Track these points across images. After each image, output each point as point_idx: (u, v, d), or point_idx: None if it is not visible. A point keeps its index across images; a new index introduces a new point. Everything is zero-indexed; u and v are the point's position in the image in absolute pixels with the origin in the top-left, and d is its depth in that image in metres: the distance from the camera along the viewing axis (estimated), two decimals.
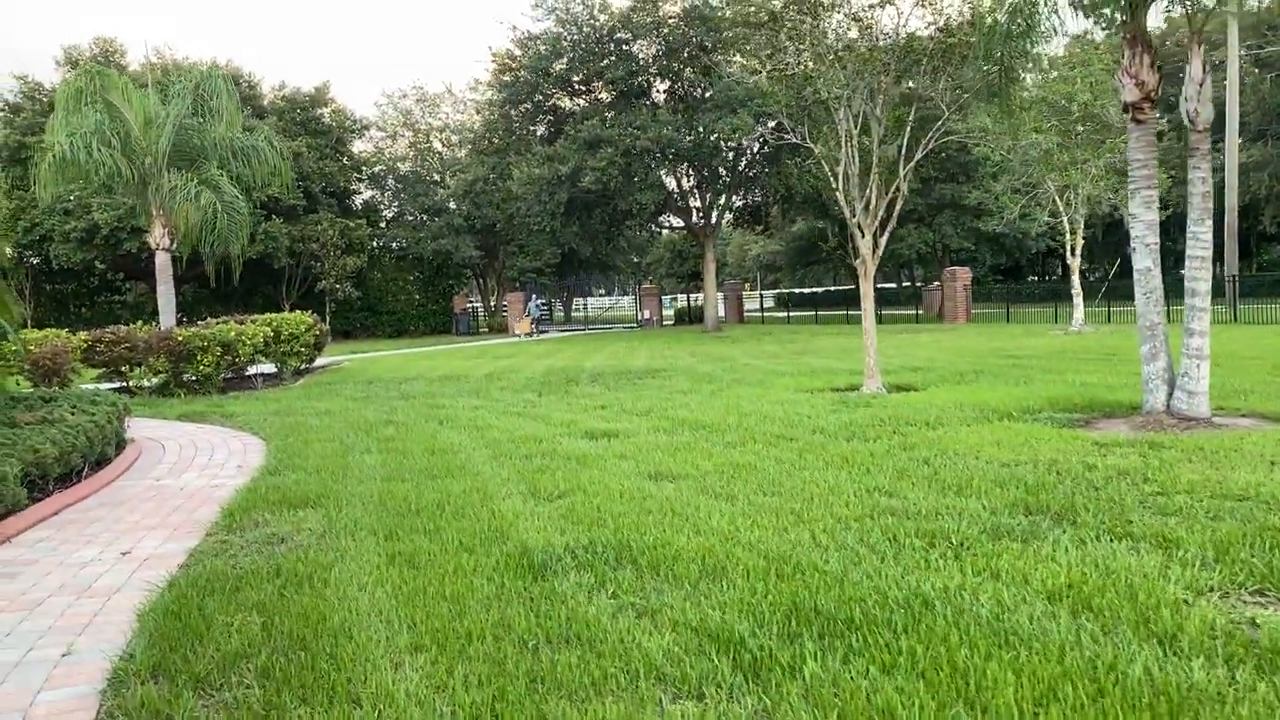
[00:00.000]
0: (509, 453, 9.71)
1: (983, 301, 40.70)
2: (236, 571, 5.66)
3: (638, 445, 9.72)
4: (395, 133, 49.30)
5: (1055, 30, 10.36)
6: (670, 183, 34.76)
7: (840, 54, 12.38)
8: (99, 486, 9.08)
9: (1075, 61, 24.33)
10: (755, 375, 16.77)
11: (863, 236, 13.31)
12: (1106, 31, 13.82)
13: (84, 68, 19.26)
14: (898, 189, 13.36)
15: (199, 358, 18.44)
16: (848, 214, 13.41)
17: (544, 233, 33.44)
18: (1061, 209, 25.36)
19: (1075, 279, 26.27)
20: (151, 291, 47.82)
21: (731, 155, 33.38)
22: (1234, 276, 37.07)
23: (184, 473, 9.89)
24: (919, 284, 56.75)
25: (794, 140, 14.35)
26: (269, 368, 21.20)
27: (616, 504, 7.00)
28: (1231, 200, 37.03)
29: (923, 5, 12.30)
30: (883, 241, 13.60)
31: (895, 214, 13.46)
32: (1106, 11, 9.89)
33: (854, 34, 13.24)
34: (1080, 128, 23.61)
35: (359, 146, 48.56)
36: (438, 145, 49.25)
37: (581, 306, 70.15)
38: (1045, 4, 10.19)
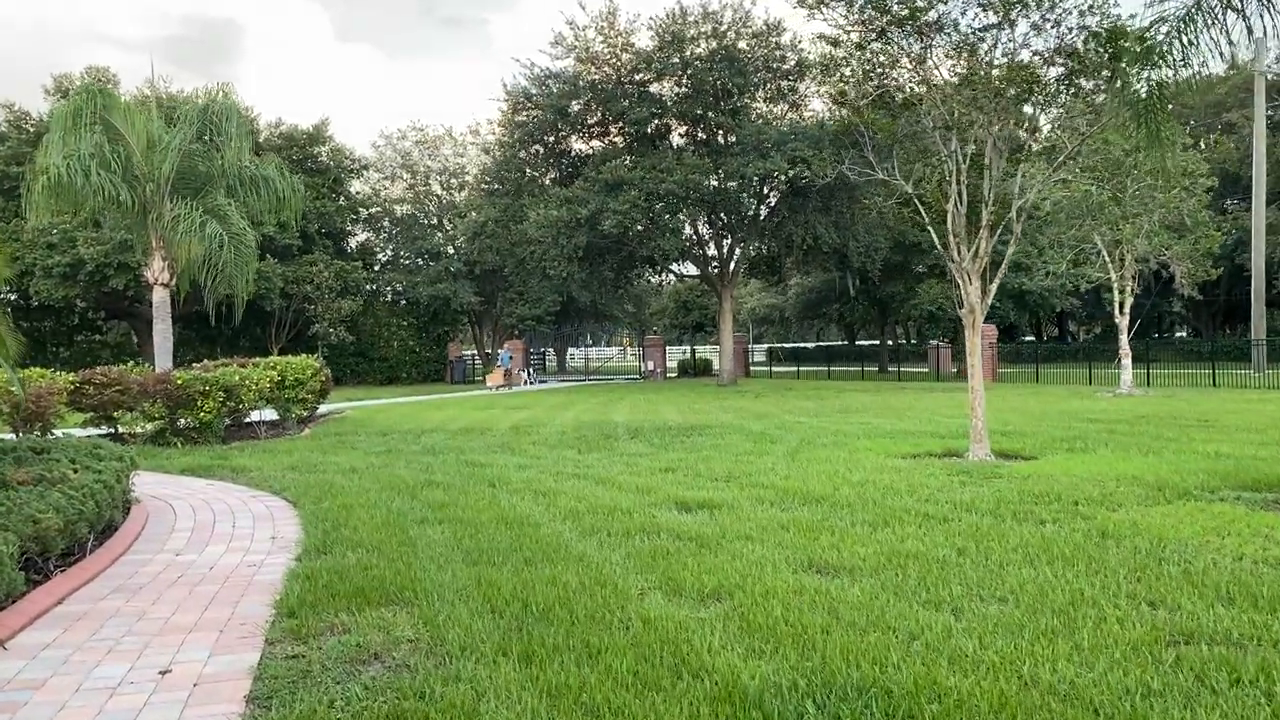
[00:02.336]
0: (599, 527, 8.11)
1: (1005, 361, 39.39)
2: (339, 718, 4.02)
3: (754, 522, 8.14)
4: (393, 174, 47.87)
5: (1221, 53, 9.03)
6: (688, 230, 33.37)
7: (969, 78, 11.00)
8: (108, 562, 7.39)
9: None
10: (821, 436, 15.23)
11: (970, 284, 11.85)
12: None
13: (84, 85, 17.75)
14: (1009, 231, 11.95)
15: (199, 403, 16.73)
16: (954, 257, 11.98)
17: (560, 278, 31.93)
18: (1110, 265, 24.13)
19: (1123, 339, 24.99)
20: (132, 331, 46.19)
21: (756, 201, 32.10)
22: (1260, 341, 36.03)
23: (207, 544, 8.21)
24: (924, 341, 55.59)
25: (880, 177, 12.92)
26: (270, 414, 19.49)
27: (798, 610, 5.42)
28: (1259, 263, 36.11)
29: (1043, 26, 10.94)
30: (992, 289, 12.17)
31: (1007, 259, 12.03)
32: None
33: (952, 60, 11.89)
34: (1130, 182, 22.40)
35: (356, 187, 47.10)
36: (437, 188, 47.83)
37: (572, 357, 68.61)
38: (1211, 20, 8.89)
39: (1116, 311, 24.87)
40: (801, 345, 71.15)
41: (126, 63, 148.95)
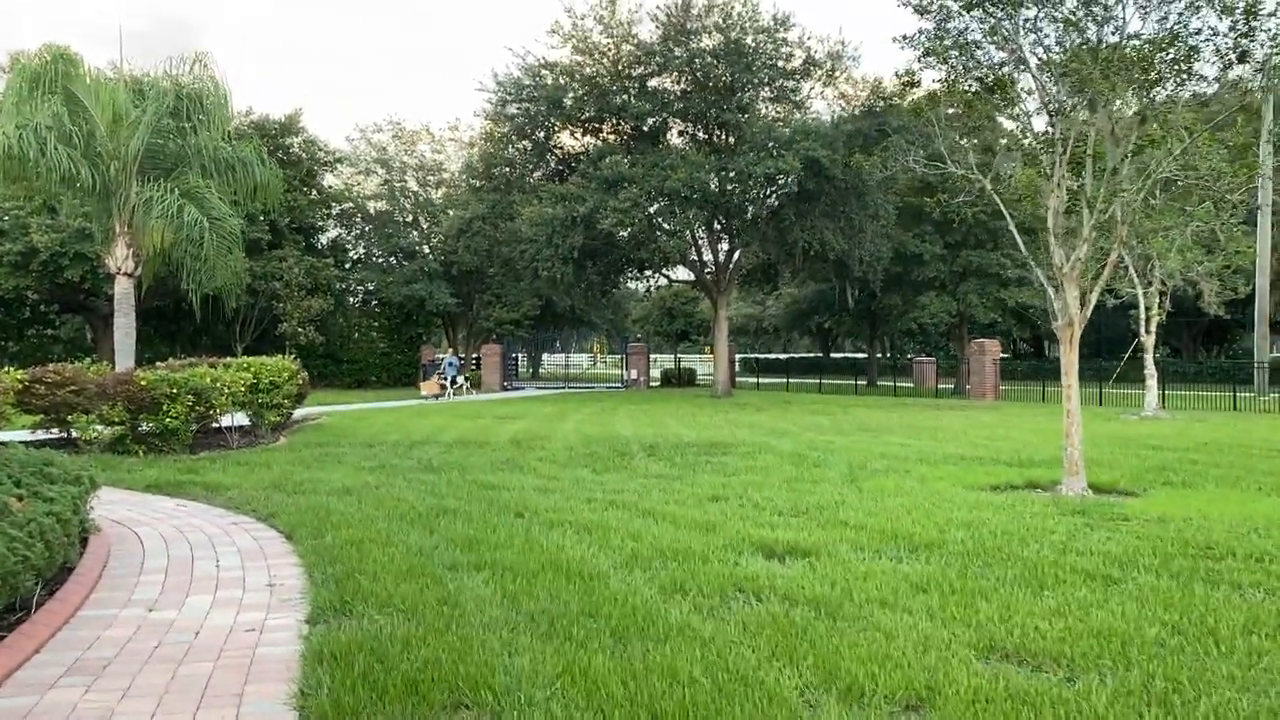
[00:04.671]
0: (681, 582, 6.54)
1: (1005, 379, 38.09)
2: None
3: (873, 579, 6.60)
4: (368, 169, 45.85)
5: None
6: (685, 233, 31.72)
7: (1095, 50, 9.51)
8: (60, 621, 5.69)
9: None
10: (868, 460, 13.67)
11: (1070, 293, 10.38)
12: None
13: (45, 47, 15.89)
14: (1119, 235, 10.50)
15: (165, 407, 14.90)
16: (1056, 262, 10.50)
17: (553, 278, 30.21)
18: (1137, 281, 22.88)
19: (1149, 359, 23.75)
20: (88, 326, 43.82)
21: (761, 203, 30.57)
22: (1262, 364, 35.16)
23: (187, 593, 6.52)
24: (909, 356, 54.48)
25: (954, 170, 11.40)
26: (240, 419, 17.65)
27: None
28: (1262, 283, 35.21)
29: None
30: (1092, 300, 10.71)
31: (1111, 265, 10.58)
32: None
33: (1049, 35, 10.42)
34: (1159, 191, 21.04)
35: (329, 181, 45.07)
36: (413, 185, 45.88)
37: (544, 364, 66.78)
38: None
39: (1142, 330, 23.63)
40: (776, 357, 69.88)
41: (91, 54, 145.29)
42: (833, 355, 69.96)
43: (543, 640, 5.22)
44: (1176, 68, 9.80)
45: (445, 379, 33.67)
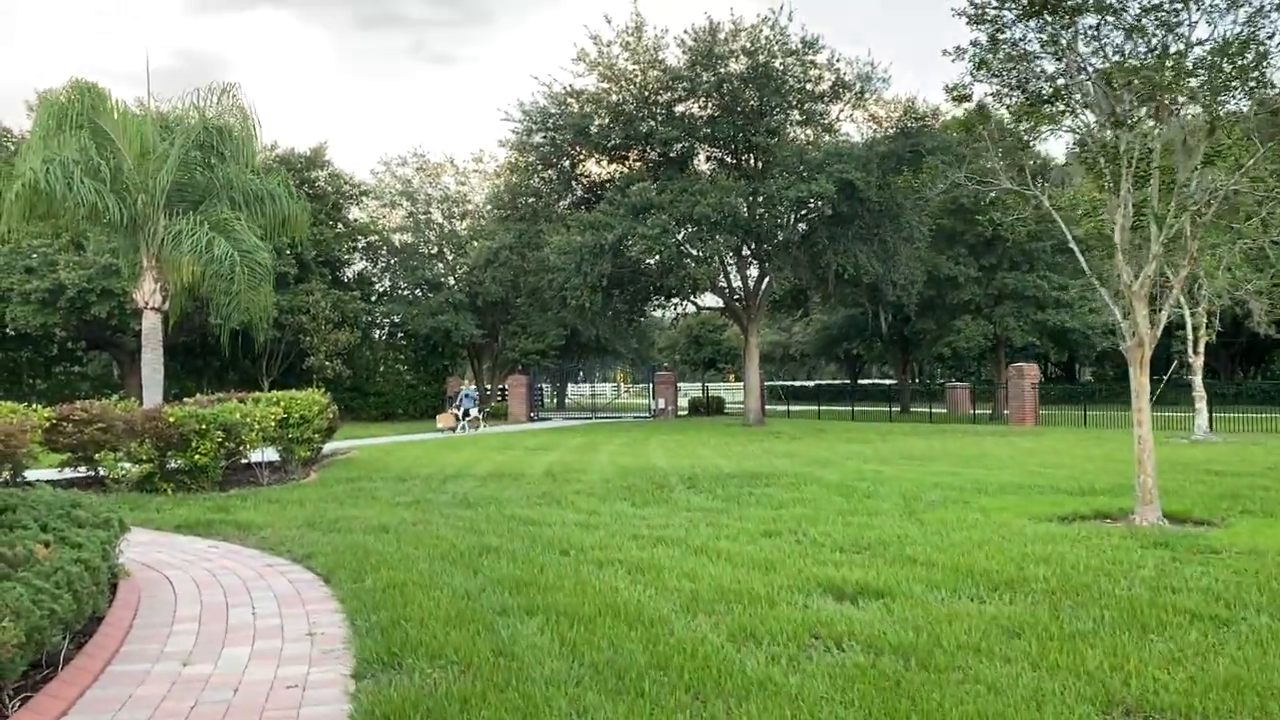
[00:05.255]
0: (750, 628, 6.09)
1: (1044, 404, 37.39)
2: None
3: (956, 623, 6.11)
4: (392, 201, 45.78)
5: None
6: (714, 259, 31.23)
7: (1161, 55, 9.06)
8: (89, 679, 5.28)
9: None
10: (921, 490, 13.13)
11: (1140, 312, 9.89)
12: None
13: (72, 82, 15.71)
14: (1188, 250, 10.03)
15: (194, 444, 14.57)
16: (1125, 280, 10.02)
17: (581, 307, 29.87)
18: (1184, 302, 22.28)
19: (1198, 380, 23.12)
20: (114, 363, 43.77)
21: (792, 227, 30.12)
22: None
23: (223, 644, 6.10)
24: (941, 381, 53.73)
25: (1007, 187, 10.95)
26: (269, 454, 17.29)
27: None
28: None
29: None
30: (1162, 319, 10.23)
31: (1179, 283, 10.10)
32: None
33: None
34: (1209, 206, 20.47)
35: (354, 214, 45.03)
36: (438, 216, 45.76)
37: (571, 394, 66.37)
38: None
39: (1190, 351, 23.02)
40: (804, 384, 69.17)
41: (120, 92, 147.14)
42: (860, 382, 69.29)
43: (613, 698, 4.76)
44: (1246, 74, 9.34)
45: (459, 410, 32.79)
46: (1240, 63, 9.30)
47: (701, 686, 4.93)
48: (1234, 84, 9.44)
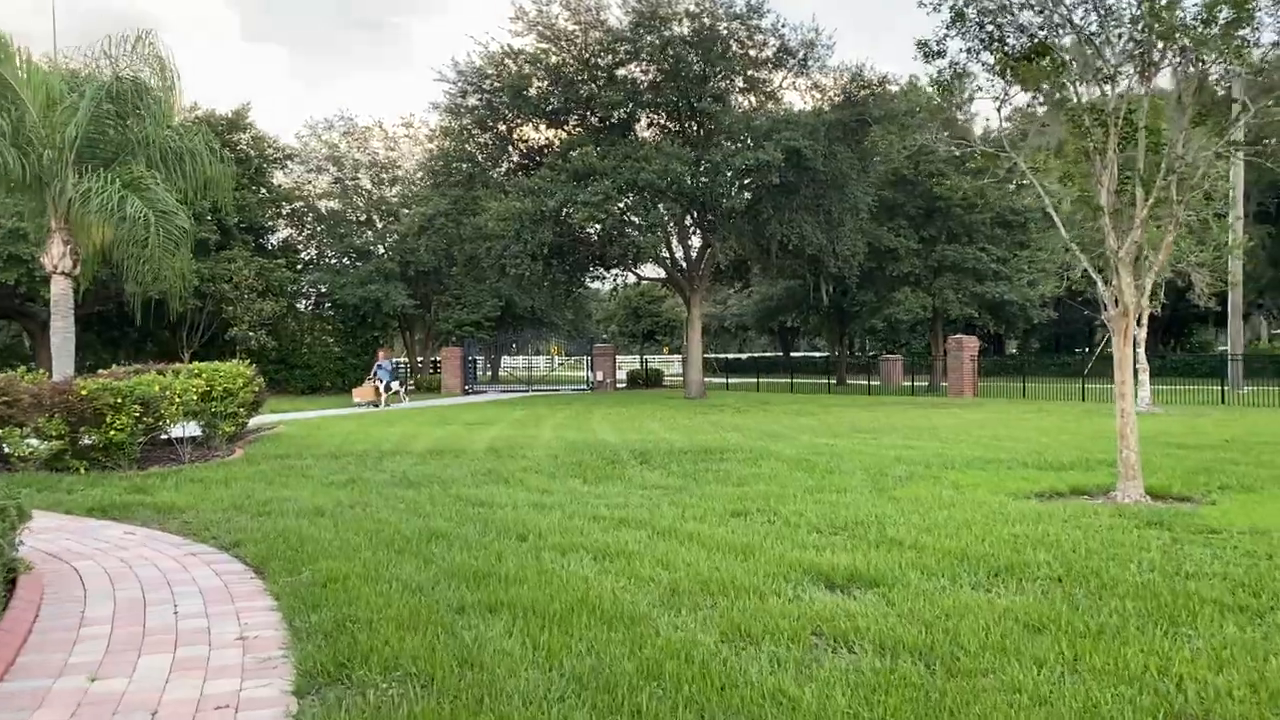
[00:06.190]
0: (743, 626, 5.48)
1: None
2: None
3: (971, 617, 5.55)
4: (319, 167, 44.17)
5: None
6: (658, 228, 30.39)
7: None
8: None
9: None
10: (885, 465, 12.64)
11: (1125, 279, 9.44)
12: None
13: None
14: (1172, 215, 9.60)
15: (109, 419, 13.50)
16: (1111, 245, 9.56)
17: (521, 276, 28.91)
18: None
19: (1141, 354, 23.10)
20: (25, 334, 41.66)
21: (738, 196, 29.41)
22: (1236, 356, 34.85)
23: (140, 651, 5.30)
24: (873, 353, 53.87)
25: (981, 149, 10.41)
26: (191, 429, 16.21)
27: None
28: (1235, 268, 34.79)
29: None
30: (1146, 285, 9.81)
31: (1166, 248, 9.69)
32: None
33: None
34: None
35: (278, 179, 43.32)
36: (366, 183, 44.27)
37: (505, 366, 65.27)
38: None
39: (1133, 323, 22.94)
40: (737, 356, 68.90)
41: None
42: (793, 354, 69.25)
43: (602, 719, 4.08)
44: (1231, 34, 8.87)
45: (381, 383, 30.38)
46: (1223, 19, 8.83)
47: (705, 702, 4.28)
48: (1220, 45, 8.97)
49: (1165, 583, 6.16)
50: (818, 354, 69.91)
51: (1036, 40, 9.37)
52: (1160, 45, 8.93)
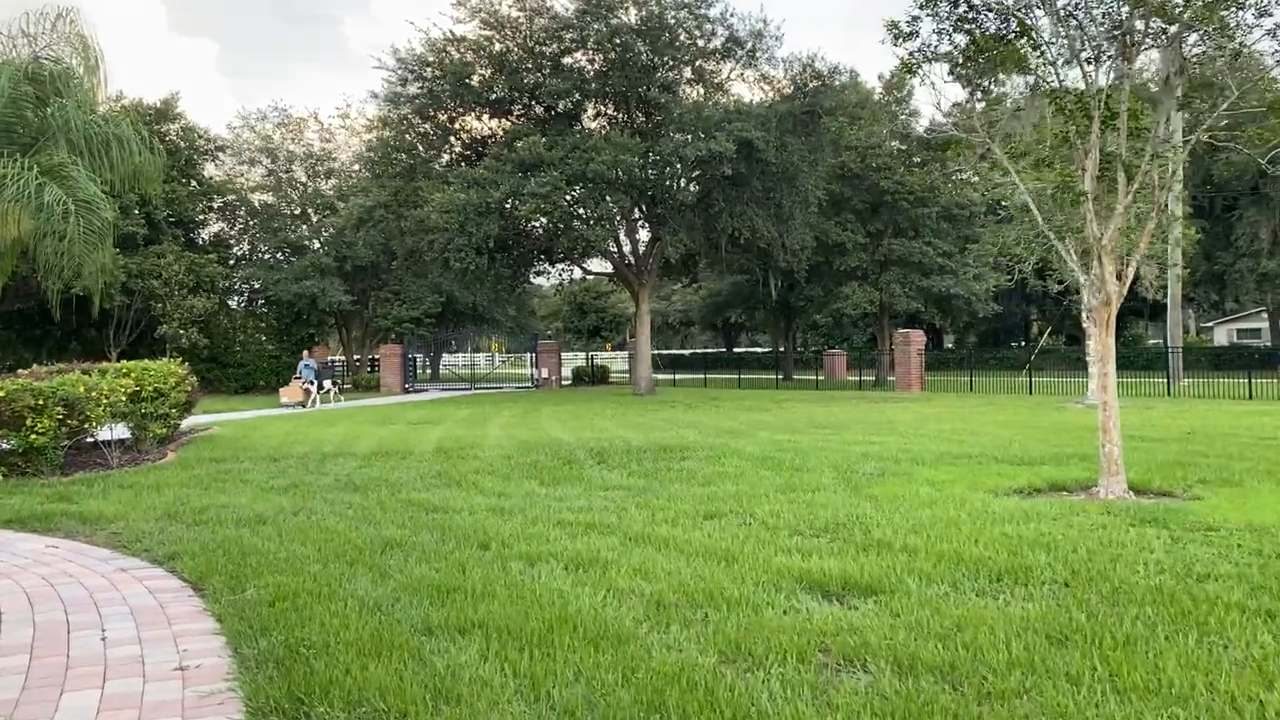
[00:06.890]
0: (742, 645, 5.01)
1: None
2: None
3: (988, 631, 5.12)
4: (252, 159, 42.86)
5: None
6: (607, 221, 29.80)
7: None
8: None
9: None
10: (852, 463, 12.24)
11: (1108, 267, 9.16)
12: None
13: None
14: (1159, 203, 9.34)
15: (29, 421, 12.62)
16: (1094, 233, 9.27)
17: (464, 270, 28.12)
18: (1077, 266, 22.10)
19: (1092, 345, 23.07)
20: None
21: (688, 188, 28.96)
22: (1176, 348, 35.29)
23: (61, 688, 4.67)
24: (816, 349, 53.93)
25: (957, 135, 10.09)
26: (121, 432, 15.34)
27: None
28: (1175, 255, 35.21)
29: None
30: (1129, 275, 9.55)
31: (1148, 234, 9.45)
32: None
33: None
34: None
35: (209, 171, 41.93)
36: (301, 175, 43.06)
37: (446, 364, 64.24)
38: None
39: (1084, 316, 23.01)
40: (680, 353, 68.60)
41: None
42: (736, 350, 69.15)
43: None
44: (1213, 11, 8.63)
45: (310, 383, 29.17)
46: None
47: None
48: (1201, 22, 8.72)
49: (1180, 586, 5.81)
50: (760, 350, 69.92)
51: (1015, 19, 9.04)
52: (1140, 25, 8.64)
